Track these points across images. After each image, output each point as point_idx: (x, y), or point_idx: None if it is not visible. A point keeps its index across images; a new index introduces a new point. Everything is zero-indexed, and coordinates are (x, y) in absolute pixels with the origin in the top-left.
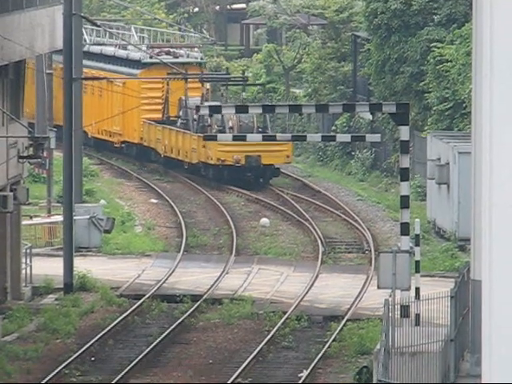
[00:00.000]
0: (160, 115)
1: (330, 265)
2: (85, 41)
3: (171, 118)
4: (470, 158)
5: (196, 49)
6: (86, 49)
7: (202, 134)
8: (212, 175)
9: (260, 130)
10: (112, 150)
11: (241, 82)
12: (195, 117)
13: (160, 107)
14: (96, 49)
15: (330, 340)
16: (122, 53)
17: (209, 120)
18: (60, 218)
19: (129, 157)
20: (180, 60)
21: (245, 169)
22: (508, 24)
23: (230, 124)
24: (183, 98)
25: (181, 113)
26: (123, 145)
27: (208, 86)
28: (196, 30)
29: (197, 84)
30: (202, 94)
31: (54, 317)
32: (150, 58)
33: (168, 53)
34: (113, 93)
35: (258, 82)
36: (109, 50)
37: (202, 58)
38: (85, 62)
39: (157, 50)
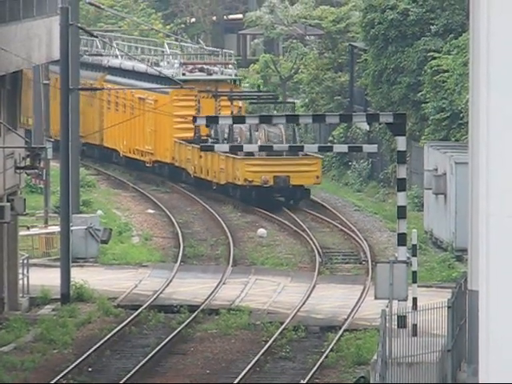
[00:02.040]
0: (192, 134)
1: (327, 275)
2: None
3: (202, 137)
4: (467, 169)
5: (230, 66)
6: (117, 65)
7: (230, 154)
8: (240, 196)
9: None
10: (144, 169)
11: (271, 100)
12: (226, 136)
13: (192, 126)
14: (128, 65)
15: (327, 350)
16: (154, 70)
17: (239, 139)
18: (57, 229)
19: (161, 177)
20: (214, 77)
21: (273, 190)
22: (505, 34)
23: (260, 143)
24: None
25: (212, 132)
26: (155, 164)
27: (240, 103)
28: (193, 40)
29: (228, 102)
30: (231, 112)
31: (51, 327)
32: (183, 75)
33: (201, 70)
34: (145, 111)
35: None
36: (141, 67)
37: (236, 75)
38: (116, 78)
39: (190, 67)
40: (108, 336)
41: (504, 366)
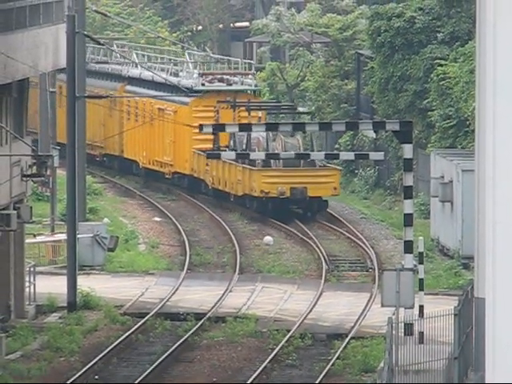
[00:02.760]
0: (211, 145)
1: (334, 283)
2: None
3: (221, 148)
4: (474, 176)
5: (250, 76)
6: (137, 75)
7: (247, 165)
8: (256, 208)
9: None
10: (163, 181)
11: (290, 111)
12: (244, 146)
13: (211, 137)
14: (147, 75)
15: (334, 358)
16: (173, 80)
17: (256, 149)
18: (63, 237)
19: (180, 188)
20: (233, 87)
21: (290, 201)
22: (511, 42)
23: (276, 150)
24: None
25: (231, 142)
26: (175, 176)
27: (260, 114)
28: (199, 48)
29: (246, 112)
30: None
31: (57, 335)
32: (202, 85)
33: (221, 80)
34: (164, 122)
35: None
36: (160, 77)
37: (256, 86)
38: (136, 88)
39: (209, 77)
40: (115, 344)
41: (510, 374)
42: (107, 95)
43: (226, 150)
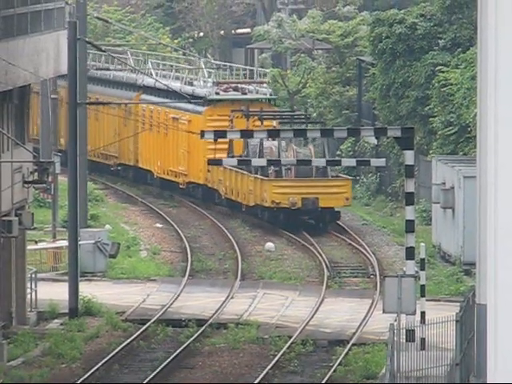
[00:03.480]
0: (225, 155)
1: (336, 289)
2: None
3: (235, 158)
4: (475, 183)
5: (265, 85)
6: (152, 84)
7: (258, 175)
8: (267, 219)
9: (320, 169)
10: (177, 191)
11: (303, 120)
12: (257, 156)
13: (226, 146)
14: (162, 84)
15: (336, 364)
16: (187, 89)
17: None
18: (65, 243)
19: (194, 198)
20: (248, 96)
21: (301, 212)
22: None
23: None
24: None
25: (245, 152)
26: (189, 186)
27: (275, 123)
28: (201, 54)
29: (259, 122)
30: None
31: (59, 342)
32: (217, 94)
33: (236, 89)
34: (178, 131)
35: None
36: (175, 86)
37: (271, 94)
38: (151, 97)
39: (224, 86)
40: (116, 350)
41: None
42: (109, 102)
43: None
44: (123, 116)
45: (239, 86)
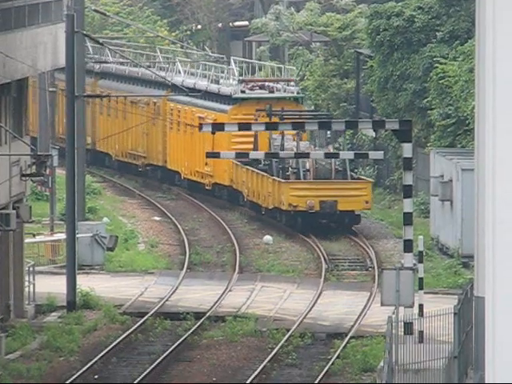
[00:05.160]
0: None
1: (334, 282)
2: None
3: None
4: (473, 175)
5: (292, 83)
6: (180, 82)
7: (277, 178)
8: (285, 222)
9: (339, 171)
10: (204, 192)
11: (325, 119)
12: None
13: (251, 146)
14: (190, 83)
15: (334, 357)
16: (213, 87)
17: (290, 161)
18: (63, 236)
19: (219, 199)
20: (273, 95)
21: (319, 215)
22: (511, 41)
23: (307, 166)
24: (274, 136)
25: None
26: (215, 187)
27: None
28: (198, 47)
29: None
30: (282, 132)
31: (57, 335)
32: (242, 92)
33: (262, 87)
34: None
35: None
36: (202, 85)
37: (298, 93)
38: (178, 97)
39: (250, 84)
40: (114, 343)
41: (511, 372)
42: (107, 95)
43: (261, 162)
44: (152, 116)
45: (266, 83)
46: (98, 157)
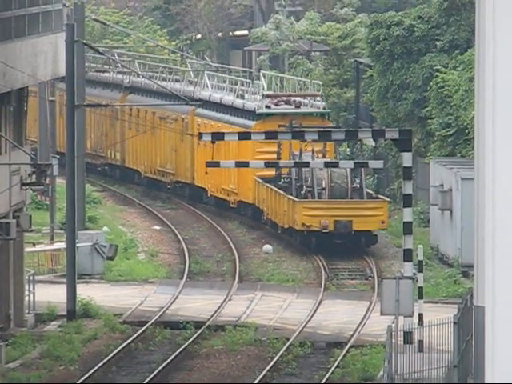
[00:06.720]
0: (273, 172)
1: (333, 291)
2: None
3: (282, 176)
4: (473, 184)
5: (318, 98)
6: (207, 98)
7: (292, 196)
8: (299, 242)
9: (356, 190)
10: (228, 209)
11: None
12: (297, 170)
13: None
14: (216, 97)
15: (334, 366)
16: (239, 102)
17: (309, 180)
18: (63, 245)
19: (244, 217)
20: (300, 110)
21: (333, 235)
22: (510, 50)
23: (323, 185)
24: (295, 152)
25: (289, 169)
26: (240, 205)
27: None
28: (198, 56)
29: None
30: (300, 149)
31: (57, 344)
32: (267, 107)
33: (288, 102)
34: (229, 147)
35: None
36: (228, 100)
37: (324, 108)
38: (205, 112)
39: (275, 100)
40: (114, 352)
41: (510, 382)
42: (107, 104)
43: (285, 176)
44: (180, 130)
45: (292, 99)
46: (127, 173)
